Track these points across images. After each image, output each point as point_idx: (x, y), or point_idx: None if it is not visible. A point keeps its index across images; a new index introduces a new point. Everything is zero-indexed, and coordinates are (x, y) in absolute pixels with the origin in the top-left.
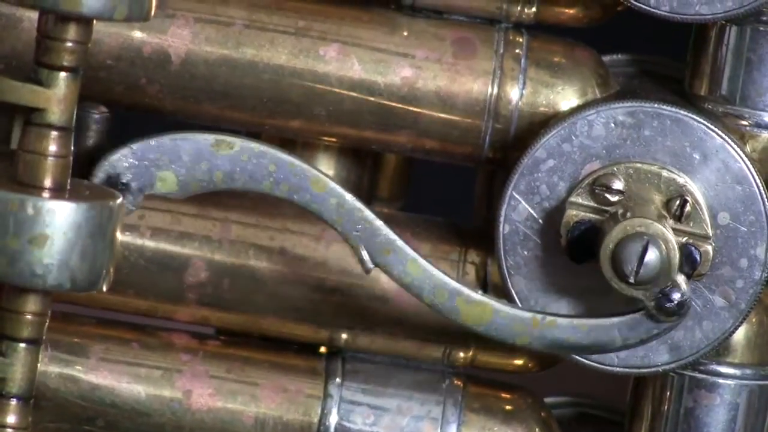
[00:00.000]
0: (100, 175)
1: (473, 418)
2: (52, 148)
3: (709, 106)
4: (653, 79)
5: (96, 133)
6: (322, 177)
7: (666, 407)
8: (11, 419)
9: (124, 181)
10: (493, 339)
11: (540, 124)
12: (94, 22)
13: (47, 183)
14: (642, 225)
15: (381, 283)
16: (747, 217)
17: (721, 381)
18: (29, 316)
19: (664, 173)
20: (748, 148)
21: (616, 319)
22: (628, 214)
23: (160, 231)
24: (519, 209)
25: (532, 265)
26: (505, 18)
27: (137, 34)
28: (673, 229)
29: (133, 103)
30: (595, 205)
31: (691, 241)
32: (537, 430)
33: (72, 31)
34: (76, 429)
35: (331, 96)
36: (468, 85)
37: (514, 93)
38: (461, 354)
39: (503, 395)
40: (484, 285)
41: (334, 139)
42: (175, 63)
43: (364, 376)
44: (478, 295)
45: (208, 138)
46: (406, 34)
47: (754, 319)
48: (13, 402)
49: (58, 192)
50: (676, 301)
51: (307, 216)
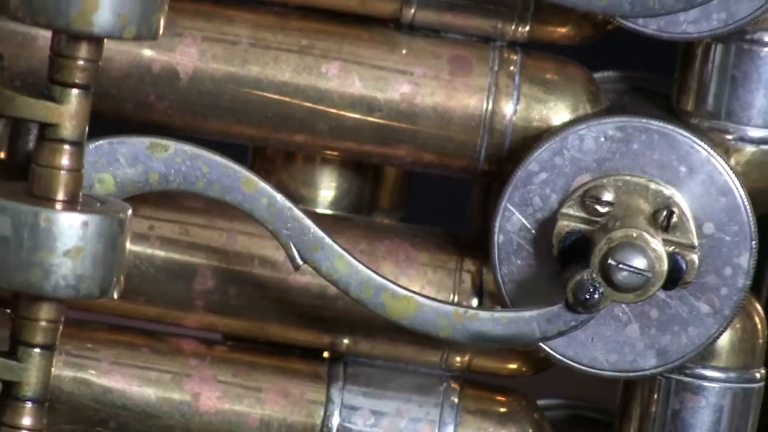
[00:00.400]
0: None
1: (469, 419)
2: (65, 162)
3: (696, 121)
4: (642, 95)
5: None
6: (253, 178)
7: (654, 409)
8: (27, 421)
9: None
10: (418, 333)
11: (533, 138)
12: (105, 41)
13: (60, 195)
14: (630, 235)
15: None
16: (731, 227)
17: (706, 384)
18: (43, 323)
19: (652, 185)
20: (733, 162)
21: (535, 312)
22: (618, 225)
23: (169, 241)
24: (513, 220)
25: (526, 273)
26: (500, 36)
27: (146, 53)
28: (661, 239)
29: (143, 119)
30: (586, 215)
31: (677, 250)
32: (530, 431)
33: (83, 50)
34: (89, 431)
35: (333, 112)
36: (464, 101)
37: (508, 108)
38: (458, 358)
39: (498, 398)
40: (480, 292)
41: (336, 153)
42: (183, 80)
43: (365, 379)
44: (402, 290)
45: (143, 141)
46: (404, 52)
47: (737, 325)
48: (29, 405)
49: (71, 204)
50: (591, 294)
51: None
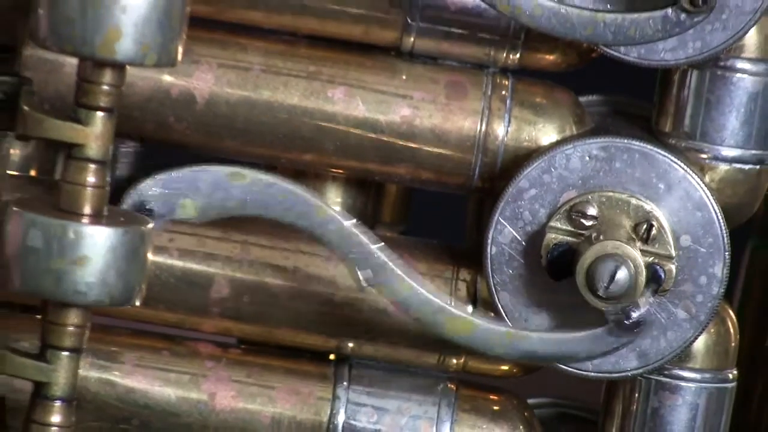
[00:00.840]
0: (128, 201)
1: (465, 417)
2: (91, 179)
3: (673, 142)
4: (624, 118)
5: (126, 165)
6: (323, 205)
7: (635, 407)
8: (56, 419)
9: (149, 207)
10: (473, 350)
11: (523, 157)
12: (128, 67)
13: (86, 210)
14: (613, 247)
15: (383, 298)
16: (706, 239)
17: (683, 384)
18: (71, 328)
19: (633, 201)
20: (707, 179)
21: (580, 334)
22: (601, 237)
23: (187, 252)
24: (505, 233)
25: (516, 282)
26: (493, 63)
27: (166, 78)
28: (641, 251)
29: (163, 139)
30: (572, 229)
31: (656, 260)
32: (521, 427)
33: (108, 76)
34: (114, 428)
35: (339, 132)
36: (460, 123)
37: (500, 130)
38: (454, 361)
39: (491, 397)
40: (474, 300)
41: (341, 171)
42: (200, 103)
43: (369, 380)
44: (457, 311)
45: (224, 170)
46: (404, 77)
47: (712, 330)
48: (58, 403)
49: (96, 218)
50: (633, 319)
51: None
